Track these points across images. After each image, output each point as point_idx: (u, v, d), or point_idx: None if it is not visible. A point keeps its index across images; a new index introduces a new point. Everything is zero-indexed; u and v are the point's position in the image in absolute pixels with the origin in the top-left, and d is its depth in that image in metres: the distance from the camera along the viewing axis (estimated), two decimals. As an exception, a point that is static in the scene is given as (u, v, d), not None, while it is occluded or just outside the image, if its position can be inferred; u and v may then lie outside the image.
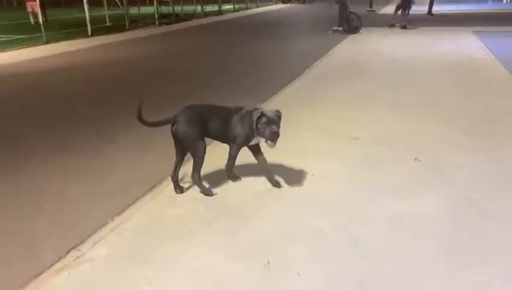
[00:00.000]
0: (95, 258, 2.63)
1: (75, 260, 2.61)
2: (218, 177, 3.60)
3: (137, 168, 4.08)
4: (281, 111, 3.27)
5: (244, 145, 3.38)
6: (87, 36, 14.76)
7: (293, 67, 8.55)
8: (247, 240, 2.76)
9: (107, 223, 3.02)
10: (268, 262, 2.54)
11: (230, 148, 3.39)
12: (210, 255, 2.62)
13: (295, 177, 3.58)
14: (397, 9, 14.69)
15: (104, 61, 10.46)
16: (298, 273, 2.43)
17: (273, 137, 3.14)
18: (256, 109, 3.27)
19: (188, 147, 3.25)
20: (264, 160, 3.50)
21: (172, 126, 3.21)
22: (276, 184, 3.47)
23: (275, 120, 3.17)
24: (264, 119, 3.16)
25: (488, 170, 3.66)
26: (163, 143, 4.62)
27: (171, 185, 3.49)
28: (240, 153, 3.39)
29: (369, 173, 3.70)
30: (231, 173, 3.54)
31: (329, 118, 5.17)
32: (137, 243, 2.78)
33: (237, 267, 2.50)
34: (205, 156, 3.25)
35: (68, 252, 2.69)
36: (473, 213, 2.99)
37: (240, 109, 3.33)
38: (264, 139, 3.21)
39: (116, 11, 18.85)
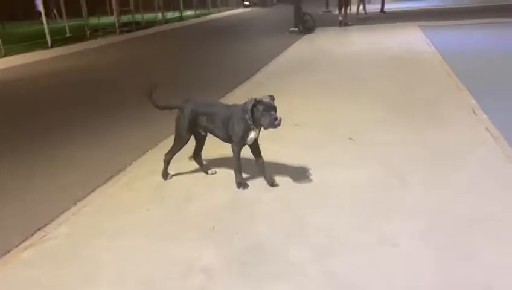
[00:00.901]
0: (58, 236, 2.96)
1: (40, 238, 2.93)
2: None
3: (97, 162, 4.40)
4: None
5: (243, 143, 3.36)
6: (47, 47, 14.79)
7: (249, 66, 8.97)
8: (197, 213, 3.15)
9: (69, 208, 3.35)
10: (213, 227, 2.93)
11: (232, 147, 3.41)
12: (163, 225, 2.99)
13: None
14: (340, 7, 15.54)
15: (59, 71, 10.67)
16: (237, 233, 2.83)
17: (276, 124, 3.12)
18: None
19: (176, 133, 3.54)
20: (262, 160, 3.49)
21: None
22: (273, 184, 3.46)
23: (272, 106, 3.14)
24: (261, 107, 3.13)
25: (413, 146, 4.14)
26: (118, 140, 5.01)
27: (130, 174, 3.87)
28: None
29: (307, 152, 4.14)
30: (240, 177, 3.46)
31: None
32: (96, 221, 3.13)
33: (187, 232, 2.88)
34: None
35: (34, 233, 3.01)
36: (394, 181, 3.46)
37: (236, 106, 3.37)
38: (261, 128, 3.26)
39: (76, 22, 18.85)
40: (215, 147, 3.82)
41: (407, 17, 16.58)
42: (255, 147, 3.46)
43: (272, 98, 3.23)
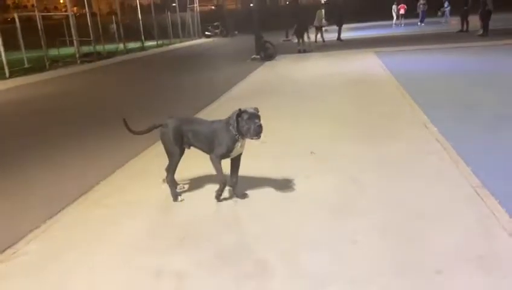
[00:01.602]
0: (29, 252, 2.98)
1: (11, 255, 2.94)
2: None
3: (66, 182, 4.44)
4: None
5: (225, 156, 3.43)
6: (5, 78, 14.53)
7: (212, 92, 9.17)
8: (169, 225, 3.26)
9: (39, 226, 3.36)
10: (183, 238, 3.03)
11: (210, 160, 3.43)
12: (135, 237, 3.07)
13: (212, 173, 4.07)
14: (297, 36, 16.30)
15: (21, 100, 10.58)
16: (208, 240, 2.95)
17: (259, 132, 3.23)
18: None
19: (166, 150, 3.56)
20: (237, 175, 3.58)
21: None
22: (243, 196, 3.57)
23: (256, 114, 3.27)
24: (245, 116, 3.24)
25: (369, 156, 4.41)
26: (86, 161, 5.05)
27: (99, 192, 3.95)
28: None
29: (273, 165, 4.31)
30: (223, 190, 3.50)
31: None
32: (66, 237, 3.17)
33: (159, 242, 2.98)
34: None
35: (4, 250, 3.01)
36: (352, 186, 3.70)
37: (219, 121, 3.47)
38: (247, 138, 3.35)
39: (36, 54, 18.62)
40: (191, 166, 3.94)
41: (363, 44, 17.43)
42: (236, 161, 3.54)
43: (256, 109, 3.37)
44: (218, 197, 3.54)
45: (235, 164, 3.57)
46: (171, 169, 3.61)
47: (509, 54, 11.62)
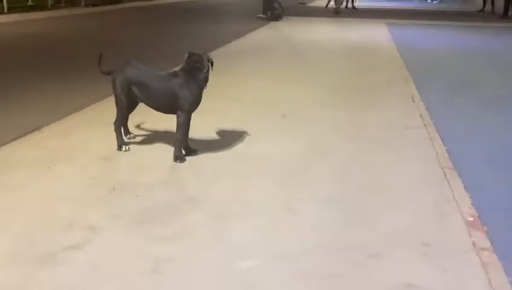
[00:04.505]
0: None
1: None
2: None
3: (9, 121, 4.12)
4: None
5: (195, 109, 3.20)
6: (2, 13, 14.11)
7: (211, 45, 8.70)
8: (100, 174, 3.00)
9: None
10: (113, 188, 2.77)
11: (178, 117, 3.14)
12: (60, 184, 2.83)
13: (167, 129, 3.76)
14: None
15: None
16: (137, 195, 2.69)
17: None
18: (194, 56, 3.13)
19: (115, 97, 3.28)
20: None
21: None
22: (193, 153, 3.28)
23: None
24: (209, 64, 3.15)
25: (344, 125, 4.10)
26: (40, 101, 4.74)
27: (43, 134, 3.67)
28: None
29: (243, 125, 3.93)
30: (181, 150, 3.19)
31: (221, 85, 5.45)
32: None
33: (83, 192, 2.73)
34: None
35: None
36: (312, 152, 3.42)
37: (173, 74, 3.19)
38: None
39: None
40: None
41: (376, 14, 16.65)
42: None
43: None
44: (176, 158, 3.14)
45: None
46: (118, 119, 3.33)
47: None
